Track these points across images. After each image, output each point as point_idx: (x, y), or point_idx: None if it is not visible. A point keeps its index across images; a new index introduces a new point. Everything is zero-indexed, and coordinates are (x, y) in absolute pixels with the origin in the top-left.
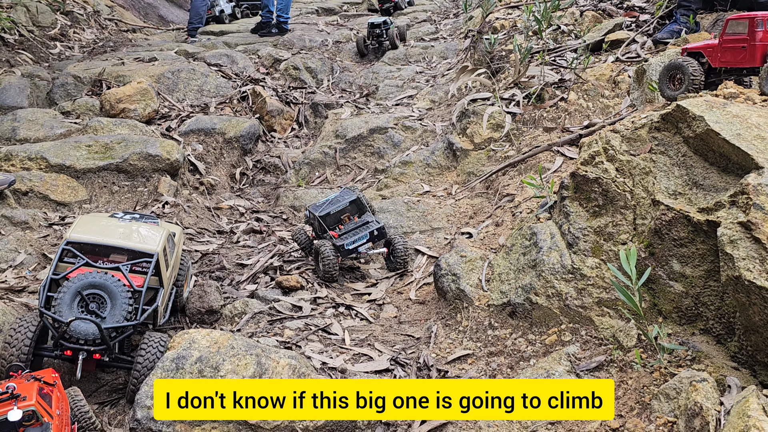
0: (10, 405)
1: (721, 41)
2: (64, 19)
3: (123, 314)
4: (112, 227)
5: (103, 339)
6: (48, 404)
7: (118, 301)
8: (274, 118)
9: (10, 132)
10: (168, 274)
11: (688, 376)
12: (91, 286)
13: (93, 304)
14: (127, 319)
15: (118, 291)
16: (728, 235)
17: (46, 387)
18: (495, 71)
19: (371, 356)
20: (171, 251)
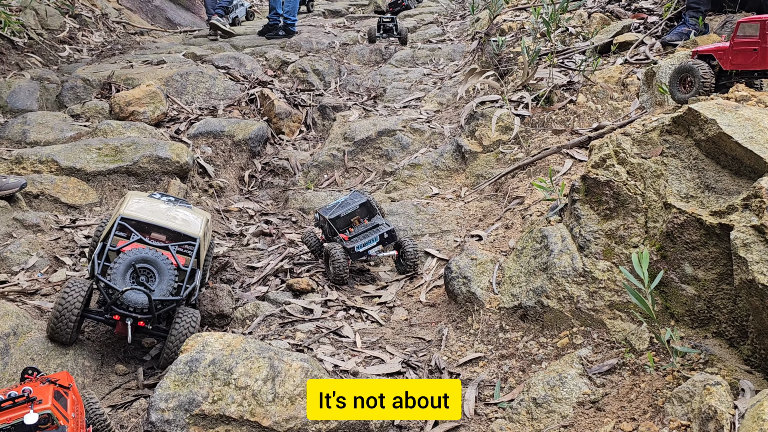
0: (26, 408)
1: (732, 44)
2: (72, 22)
3: (169, 289)
4: (159, 209)
5: (150, 309)
6: (63, 407)
7: (166, 277)
8: (282, 121)
9: (21, 135)
10: (204, 258)
11: (702, 379)
12: (144, 261)
13: (143, 277)
14: (172, 294)
15: (167, 268)
16: (741, 238)
17: (61, 390)
18: (503, 73)
19: (383, 359)
20: (206, 236)
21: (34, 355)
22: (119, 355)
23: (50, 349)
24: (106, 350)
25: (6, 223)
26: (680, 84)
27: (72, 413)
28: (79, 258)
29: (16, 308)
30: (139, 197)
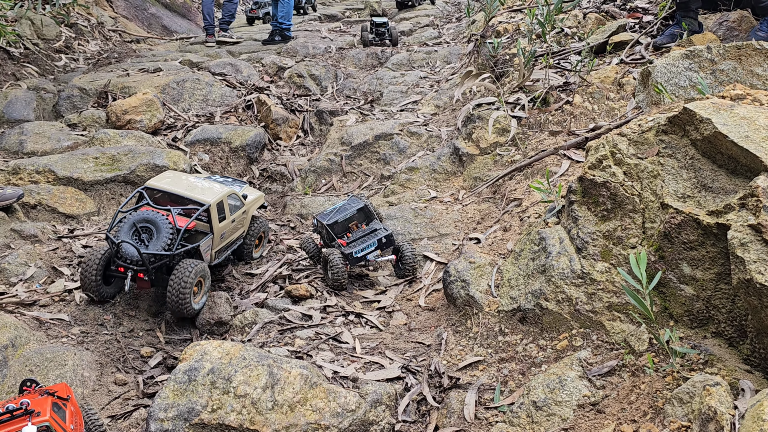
0: (25, 421)
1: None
2: (68, 32)
3: (162, 245)
4: (186, 181)
5: (142, 262)
6: (62, 419)
7: (162, 234)
8: (280, 126)
9: (18, 145)
10: (221, 225)
11: (701, 380)
12: (144, 221)
13: (145, 235)
14: (165, 250)
15: (164, 226)
16: (739, 237)
17: (60, 401)
18: (499, 75)
19: (382, 364)
20: (234, 208)
21: (33, 367)
22: (118, 365)
23: (48, 360)
24: (105, 360)
25: (4, 234)
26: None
27: (71, 425)
28: (77, 268)
29: (15, 320)
30: (172, 173)
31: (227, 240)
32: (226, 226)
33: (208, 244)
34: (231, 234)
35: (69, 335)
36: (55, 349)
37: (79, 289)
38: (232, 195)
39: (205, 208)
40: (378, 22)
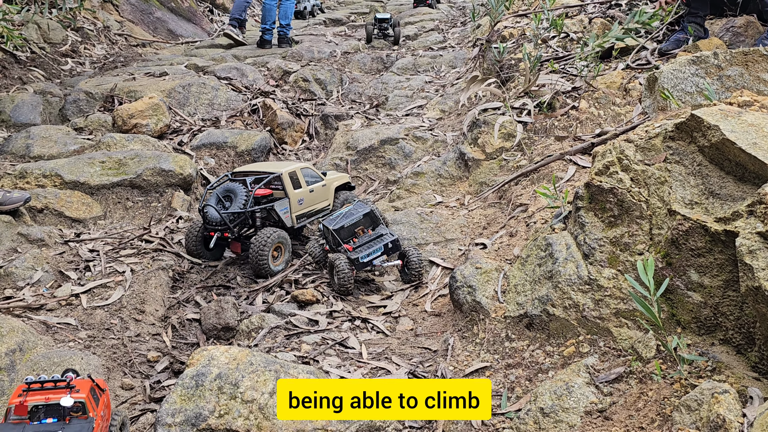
0: (65, 393)
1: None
2: (74, 36)
3: (239, 205)
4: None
5: (223, 222)
6: (95, 403)
7: (238, 198)
8: (285, 131)
9: (24, 149)
10: (297, 191)
11: (710, 387)
12: (226, 190)
13: (227, 202)
14: (240, 209)
15: (240, 192)
16: (747, 245)
17: (97, 389)
18: (505, 80)
19: (389, 370)
20: (312, 181)
21: (40, 371)
22: (125, 370)
23: (56, 364)
24: (112, 364)
25: (11, 238)
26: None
27: (101, 412)
28: (84, 272)
29: (22, 324)
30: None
31: (307, 207)
32: (303, 193)
33: (284, 206)
34: (311, 202)
35: (76, 339)
36: (62, 353)
37: (86, 293)
38: (306, 169)
39: (276, 175)
40: (381, 18)
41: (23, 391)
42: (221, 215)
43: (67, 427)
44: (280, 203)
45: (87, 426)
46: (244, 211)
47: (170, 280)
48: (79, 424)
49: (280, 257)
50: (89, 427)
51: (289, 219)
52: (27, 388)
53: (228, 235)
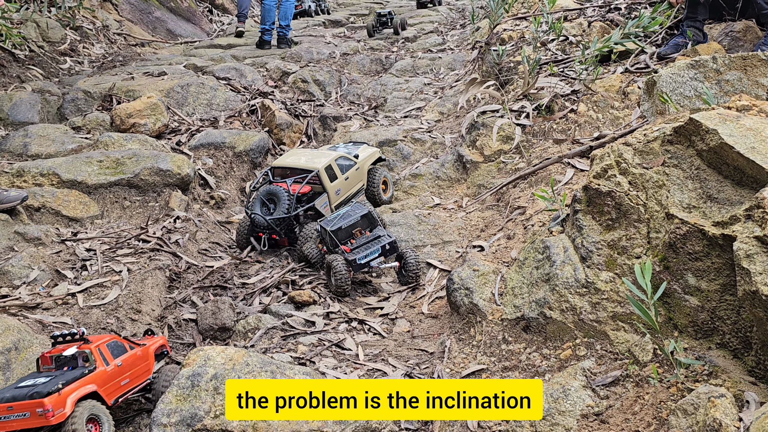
0: (72, 345)
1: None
2: (73, 35)
3: (283, 210)
4: (299, 154)
5: (269, 226)
6: (112, 356)
7: (281, 202)
8: (283, 132)
9: (22, 148)
10: (333, 184)
11: (706, 391)
12: (269, 193)
13: (271, 205)
14: (284, 213)
15: (282, 196)
16: (744, 249)
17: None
18: (503, 83)
19: (385, 371)
20: (346, 167)
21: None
22: None
23: None
24: None
25: (7, 237)
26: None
27: (119, 362)
28: (80, 271)
29: (18, 323)
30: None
31: (345, 195)
32: (339, 184)
33: (324, 201)
34: (348, 189)
35: None
36: None
37: (82, 292)
38: (340, 158)
39: (314, 174)
40: (382, 12)
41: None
42: (266, 221)
43: (63, 373)
44: (319, 200)
45: (79, 371)
46: (288, 215)
47: (167, 279)
48: (76, 370)
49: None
50: (80, 372)
51: (329, 211)
52: (53, 343)
53: (276, 236)
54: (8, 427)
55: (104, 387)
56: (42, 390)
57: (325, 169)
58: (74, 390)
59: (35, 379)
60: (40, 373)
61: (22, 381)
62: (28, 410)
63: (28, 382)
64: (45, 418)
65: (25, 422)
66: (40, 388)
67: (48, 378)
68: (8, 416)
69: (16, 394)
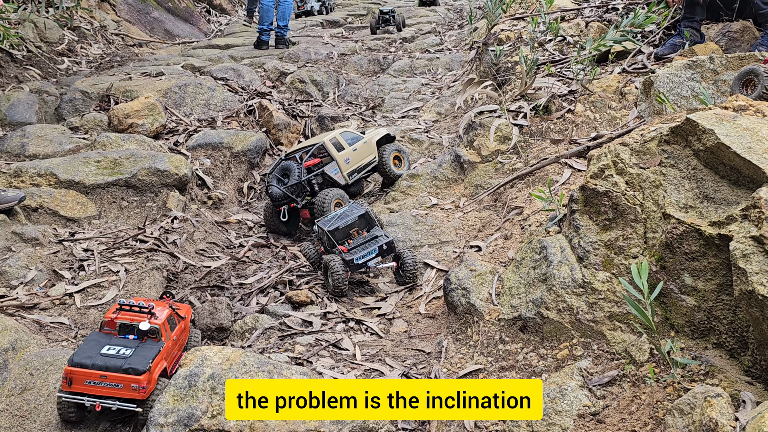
0: (145, 318)
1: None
2: (71, 35)
3: (295, 177)
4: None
5: (286, 195)
6: (170, 329)
7: (293, 173)
8: (281, 132)
9: (20, 148)
10: (341, 153)
11: (702, 391)
12: (282, 169)
13: (286, 179)
14: (297, 179)
15: (293, 167)
16: (741, 249)
17: (176, 316)
18: (501, 83)
19: (382, 371)
20: (354, 140)
21: (33, 370)
22: None
23: (49, 364)
24: None
25: (5, 237)
26: (744, 87)
27: (174, 336)
28: (78, 271)
29: (15, 323)
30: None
31: (355, 164)
32: (347, 154)
33: (334, 168)
34: (357, 159)
35: (69, 339)
36: (55, 353)
37: (79, 292)
38: (346, 132)
39: (319, 145)
40: (384, 10)
41: (116, 310)
42: (282, 190)
43: (141, 345)
44: (329, 167)
45: (156, 347)
46: (300, 181)
47: (164, 280)
48: (151, 345)
49: None
50: (158, 348)
51: (342, 177)
52: (119, 308)
53: (294, 205)
54: (98, 392)
55: (167, 360)
56: (137, 367)
57: (330, 140)
58: (156, 367)
59: (117, 348)
60: (110, 337)
61: (99, 345)
62: (122, 383)
63: (110, 350)
64: (137, 392)
65: (116, 391)
66: (134, 363)
67: (130, 350)
68: (100, 383)
69: (109, 364)
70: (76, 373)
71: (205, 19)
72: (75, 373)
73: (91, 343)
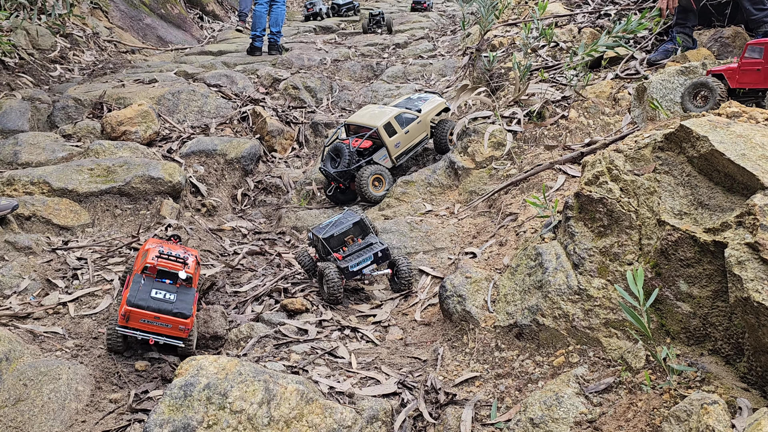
0: (181, 267)
1: (740, 64)
2: (63, 42)
3: (344, 163)
4: (367, 111)
5: (335, 177)
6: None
7: (344, 156)
8: (275, 138)
9: (12, 156)
10: (392, 138)
11: (699, 398)
12: (335, 149)
13: (338, 159)
14: (347, 166)
15: (345, 151)
16: (736, 256)
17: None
18: (494, 89)
19: (378, 380)
20: (407, 121)
21: (27, 381)
22: (113, 379)
23: (42, 374)
24: (99, 374)
25: None
26: (694, 98)
27: (197, 283)
28: (71, 280)
29: (9, 333)
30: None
31: (405, 147)
32: (398, 138)
33: (383, 154)
34: (408, 141)
35: (63, 348)
36: (49, 363)
37: (73, 301)
38: (401, 115)
39: (373, 131)
40: (374, 12)
41: (156, 257)
42: (332, 174)
43: (179, 291)
44: (378, 154)
45: (191, 293)
46: (348, 169)
47: None
48: (186, 291)
49: (381, 186)
50: (192, 294)
51: (389, 161)
52: (159, 255)
53: (342, 185)
54: (152, 329)
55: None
56: (184, 312)
57: (384, 126)
58: (194, 312)
59: (163, 293)
60: (153, 281)
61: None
62: (171, 323)
63: (158, 294)
64: (182, 332)
65: (165, 330)
66: (180, 308)
67: (173, 295)
68: (153, 322)
69: (161, 307)
70: (134, 313)
71: (197, 25)
72: (133, 312)
73: (139, 285)
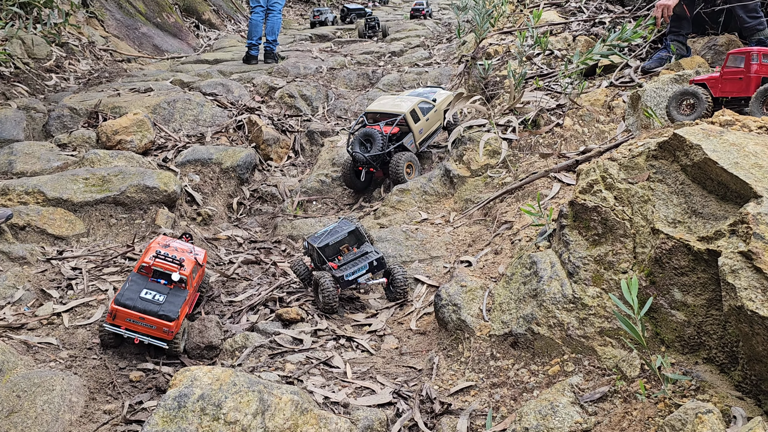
0: (176, 269)
1: (722, 73)
2: (59, 51)
3: (378, 148)
4: (387, 101)
5: (368, 161)
6: (194, 278)
7: (376, 141)
8: (270, 147)
9: (7, 165)
10: (417, 125)
11: (693, 407)
12: (365, 135)
13: (368, 144)
14: (379, 151)
15: (377, 136)
16: (729, 264)
17: (198, 266)
18: (489, 97)
19: (373, 389)
20: (427, 110)
21: (20, 392)
22: (107, 390)
23: (36, 385)
24: (93, 385)
25: None
26: (680, 106)
27: (194, 284)
28: (66, 290)
29: (2, 343)
30: (383, 96)
31: (426, 133)
32: (422, 124)
33: (410, 140)
34: (428, 128)
35: (57, 359)
36: (42, 374)
37: (68, 312)
38: (422, 102)
39: (401, 117)
40: (369, 18)
41: (153, 257)
42: (365, 158)
43: (171, 292)
44: (406, 138)
45: (183, 295)
46: (383, 152)
47: None
48: (178, 292)
49: (412, 172)
50: (184, 297)
51: (414, 147)
52: (156, 256)
53: (372, 170)
54: (137, 329)
55: (188, 306)
56: (169, 315)
57: (410, 113)
58: (182, 313)
59: (152, 294)
60: (146, 281)
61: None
62: (156, 325)
63: (147, 294)
64: (166, 334)
65: (150, 331)
66: (167, 310)
67: (163, 296)
68: (138, 322)
69: (147, 308)
70: (120, 312)
71: (193, 34)
72: (119, 311)
73: (131, 284)
